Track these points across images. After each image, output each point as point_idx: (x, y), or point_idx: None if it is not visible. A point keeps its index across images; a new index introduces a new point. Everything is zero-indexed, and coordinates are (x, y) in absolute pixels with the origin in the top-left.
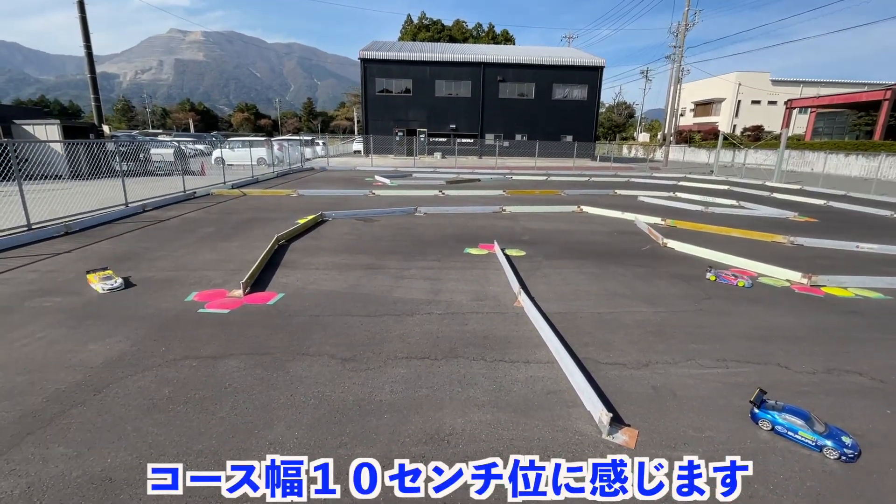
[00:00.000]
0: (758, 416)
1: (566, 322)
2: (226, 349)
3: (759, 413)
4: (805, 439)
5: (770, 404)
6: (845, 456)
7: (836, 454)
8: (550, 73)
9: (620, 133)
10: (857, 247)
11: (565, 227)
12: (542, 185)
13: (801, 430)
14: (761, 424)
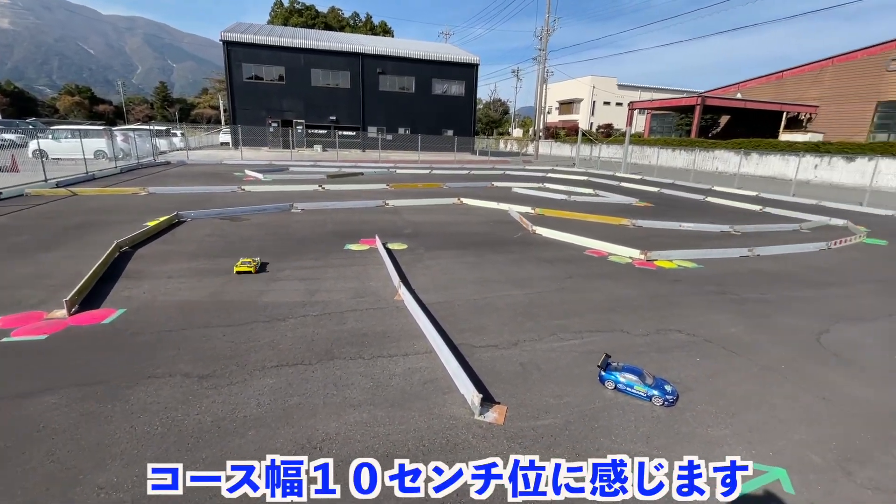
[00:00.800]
0: (604, 377)
1: (444, 311)
2: (40, 384)
3: (604, 375)
4: (639, 392)
5: (613, 366)
6: (667, 401)
7: (661, 401)
8: (429, 68)
9: (497, 128)
10: (679, 226)
11: (446, 219)
12: (425, 178)
13: (636, 385)
14: (607, 384)
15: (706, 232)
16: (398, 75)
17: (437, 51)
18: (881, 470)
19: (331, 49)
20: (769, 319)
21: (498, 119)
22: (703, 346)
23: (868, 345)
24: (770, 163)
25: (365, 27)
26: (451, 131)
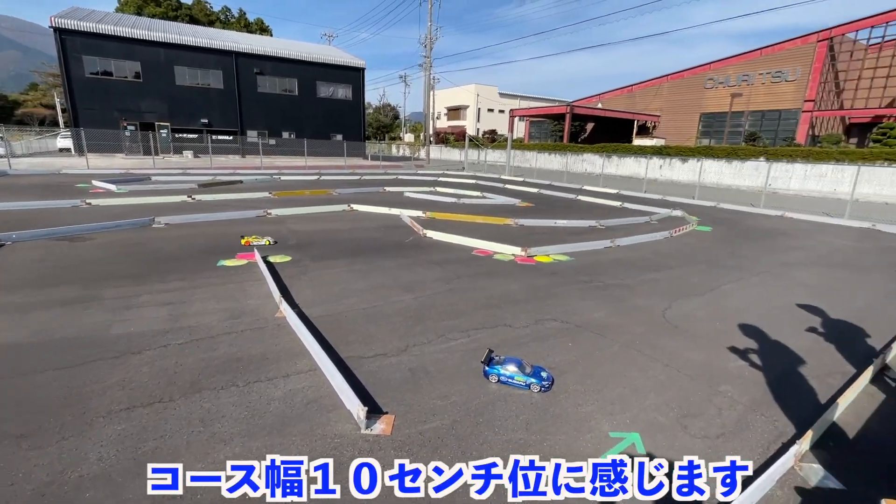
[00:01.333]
0: (488, 372)
1: (332, 323)
2: None
3: (488, 370)
4: (519, 382)
5: (496, 360)
6: (543, 387)
7: (538, 388)
8: (314, 70)
9: (389, 133)
10: (555, 223)
11: (336, 227)
12: (314, 185)
13: (516, 376)
14: (490, 379)
15: (577, 227)
16: (279, 76)
17: (321, 53)
18: (708, 420)
19: (199, 45)
20: (627, 302)
21: (389, 124)
22: (574, 332)
23: (699, 316)
24: (627, 164)
25: (238, 24)
26: (340, 135)
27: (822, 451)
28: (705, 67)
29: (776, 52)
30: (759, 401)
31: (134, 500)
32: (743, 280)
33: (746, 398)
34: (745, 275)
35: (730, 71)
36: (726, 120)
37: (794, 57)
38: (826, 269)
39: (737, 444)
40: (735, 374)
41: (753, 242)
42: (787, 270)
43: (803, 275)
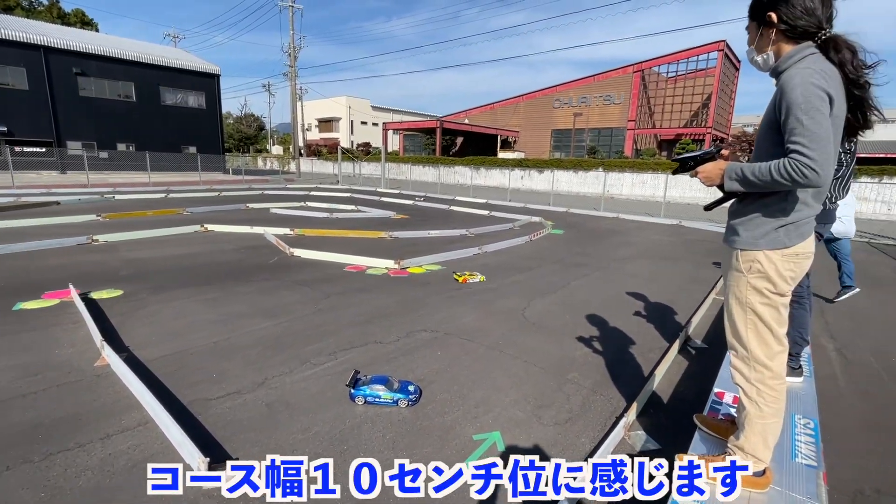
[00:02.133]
0: (353, 394)
1: (173, 364)
2: None
3: (354, 392)
4: (387, 400)
5: (362, 381)
6: (411, 401)
7: (406, 402)
8: (156, 74)
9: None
10: (428, 233)
11: (185, 251)
12: (160, 203)
13: (383, 394)
14: (357, 401)
15: (449, 237)
16: (109, 79)
17: (166, 55)
18: (558, 408)
19: None
20: (492, 305)
21: (253, 135)
22: (443, 340)
23: (553, 311)
24: (493, 176)
25: (49, 14)
26: (193, 148)
27: (645, 419)
28: (553, 89)
29: (605, 79)
30: (600, 382)
31: None
32: (588, 276)
33: (590, 382)
34: (589, 271)
35: (572, 93)
36: (571, 136)
37: (618, 84)
38: (648, 260)
39: (581, 425)
40: (581, 362)
41: (596, 241)
42: (621, 264)
43: (632, 267)
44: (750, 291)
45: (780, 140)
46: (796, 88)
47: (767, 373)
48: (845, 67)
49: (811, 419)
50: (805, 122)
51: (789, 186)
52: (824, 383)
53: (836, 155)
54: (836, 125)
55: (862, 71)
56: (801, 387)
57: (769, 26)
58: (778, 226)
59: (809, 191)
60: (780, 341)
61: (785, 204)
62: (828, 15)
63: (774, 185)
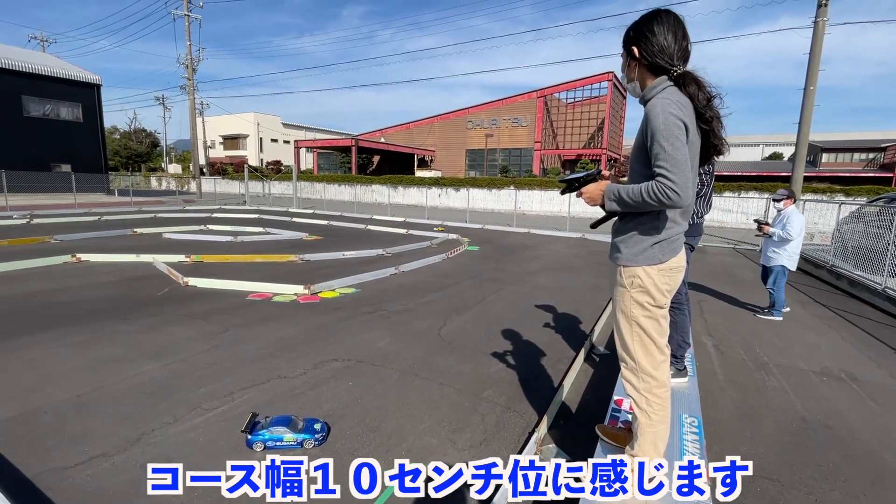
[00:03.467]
0: (251, 441)
1: (18, 429)
2: None
3: (251, 439)
4: (290, 442)
5: (261, 424)
6: (317, 441)
7: (312, 443)
8: (17, 81)
9: (146, 163)
10: (343, 254)
11: (44, 287)
12: (19, 231)
13: (286, 436)
14: (255, 447)
15: (365, 257)
16: None
17: (30, 59)
18: (473, 429)
19: None
20: (407, 326)
21: (145, 152)
22: (355, 368)
23: (469, 329)
24: (411, 194)
25: None
26: (67, 166)
27: (556, 431)
28: (466, 111)
29: (513, 103)
30: (513, 398)
31: None
32: (502, 290)
33: (504, 398)
34: (503, 285)
35: (483, 115)
36: (485, 155)
37: (525, 108)
38: (556, 272)
39: (496, 445)
40: (495, 378)
41: (509, 256)
42: (531, 277)
43: (542, 279)
44: (633, 305)
45: (649, 162)
46: (658, 116)
47: (654, 382)
48: (694, 101)
49: (696, 417)
50: (667, 149)
51: (658, 207)
52: (706, 377)
53: (695, 177)
54: (692, 150)
55: (707, 104)
56: (687, 387)
57: (634, 59)
58: (653, 242)
59: (677, 210)
60: (663, 351)
61: (658, 222)
62: (680, 53)
63: (646, 205)
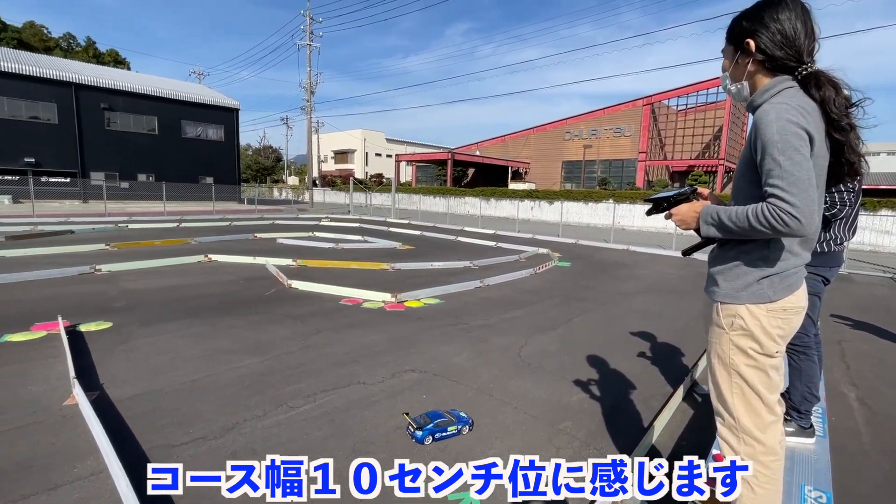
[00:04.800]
0: (422, 436)
1: (144, 405)
2: None
3: (421, 434)
4: (452, 432)
5: (420, 422)
6: (470, 426)
7: (466, 428)
8: (178, 109)
9: (270, 176)
10: (431, 265)
11: (183, 282)
12: (170, 233)
13: (449, 427)
14: (426, 442)
15: (452, 268)
16: (135, 113)
17: (189, 91)
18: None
19: (23, 73)
20: (487, 343)
21: (271, 166)
22: (431, 382)
23: (551, 351)
24: (503, 206)
25: (86, 53)
26: (210, 178)
27: None
28: (563, 122)
29: (616, 112)
30: (594, 433)
31: None
32: (591, 311)
33: (583, 432)
34: (593, 306)
35: (582, 126)
36: (582, 167)
37: (629, 117)
38: (656, 295)
39: None
40: (576, 409)
41: (603, 274)
42: (626, 299)
43: (638, 302)
44: (733, 351)
45: (759, 180)
46: (771, 125)
47: (759, 447)
48: (827, 106)
49: (824, 492)
50: (783, 164)
51: (770, 234)
52: (844, 440)
53: (821, 199)
54: (818, 166)
55: (845, 111)
56: (813, 450)
57: (746, 54)
58: (761, 277)
59: (796, 238)
60: (772, 410)
61: (767, 252)
62: (810, 48)
63: (754, 232)
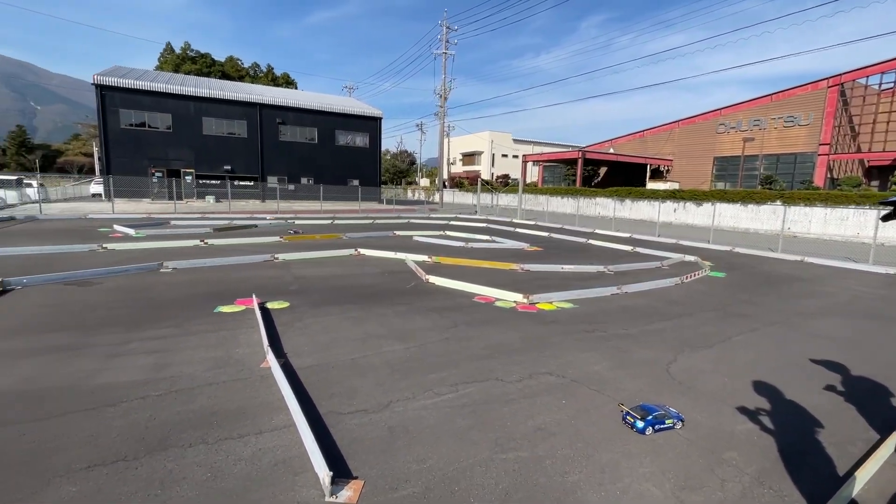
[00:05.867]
0: (644, 427)
1: (317, 375)
2: None
3: (643, 425)
4: (669, 424)
5: (637, 413)
6: (683, 422)
7: (679, 424)
8: (333, 120)
9: (405, 178)
10: (562, 268)
11: (339, 272)
12: (326, 228)
13: (666, 419)
14: (647, 432)
15: (585, 272)
16: (300, 126)
17: (341, 104)
18: (708, 494)
19: (226, 98)
20: (628, 354)
21: (405, 169)
22: (569, 387)
23: (706, 370)
24: (640, 208)
25: (266, 78)
26: (356, 181)
27: None
28: (716, 113)
29: (788, 98)
30: (769, 471)
31: None
32: (757, 331)
33: (753, 468)
34: (758, 325)
35: (740, 116)
36: (740, 163)
37: (806, 102)
38: (847, 319)
39: None
40: (743, 439)
41: (769, 289)
42: (805, 320)
43: (822, 325)
44: None
45: None
46: None
47: None
48: None
49: None
50: None
51: None
52: None
53: None
54: None
55: None
56: None
57: None
58: None
59: None
60: None
61: None
62: None
63: None
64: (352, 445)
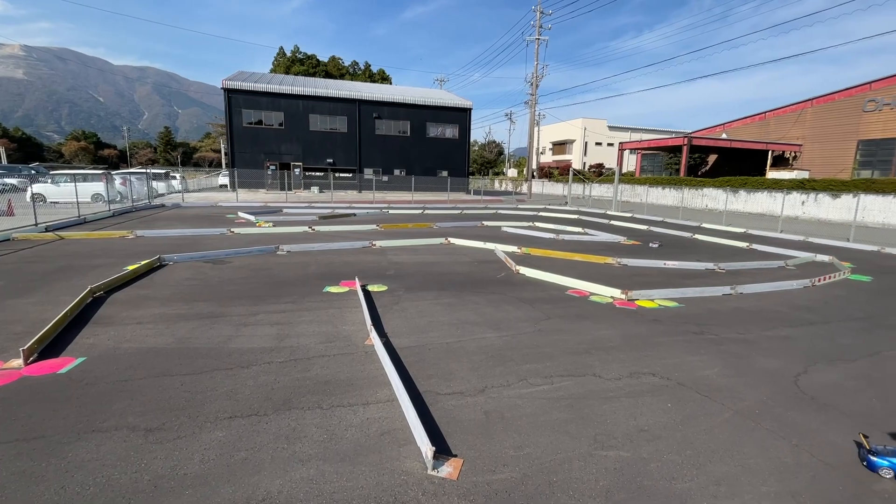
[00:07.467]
0: (878, 464)
1: (415, 355)
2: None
3: (877, 461)
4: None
5: (879, 450)
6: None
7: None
8: (424, 113)
9: (492, 169)
10: (664, 264)
11: (431, 259)
12: (417, 218)
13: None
14: (882, 472)
15: (691, 270)
16: (394, 119)
17: (432, 96)
18: None
19: (328, 95)
20: (746, 361)
21: (493, 160)
22: (676, 391)
23: (848, 387)
24: (758, 199)
25: (364, 75)
26: (445, 172)
27: None
28: (864, 88)
29: None
30: None
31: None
32: None
33: None
34: None
35: None
36: (893, 148)
37: None
38: None
39: None
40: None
41: None
42: None
43: None
44: None
45: None
46: None
47: None
48: None
49: None
50: None
51: None
52: None
53: None
54: None
55: None
56: None
57: None
58: None
59: None
60: None
61: None
62: None
63: None
64: (450, 425)
